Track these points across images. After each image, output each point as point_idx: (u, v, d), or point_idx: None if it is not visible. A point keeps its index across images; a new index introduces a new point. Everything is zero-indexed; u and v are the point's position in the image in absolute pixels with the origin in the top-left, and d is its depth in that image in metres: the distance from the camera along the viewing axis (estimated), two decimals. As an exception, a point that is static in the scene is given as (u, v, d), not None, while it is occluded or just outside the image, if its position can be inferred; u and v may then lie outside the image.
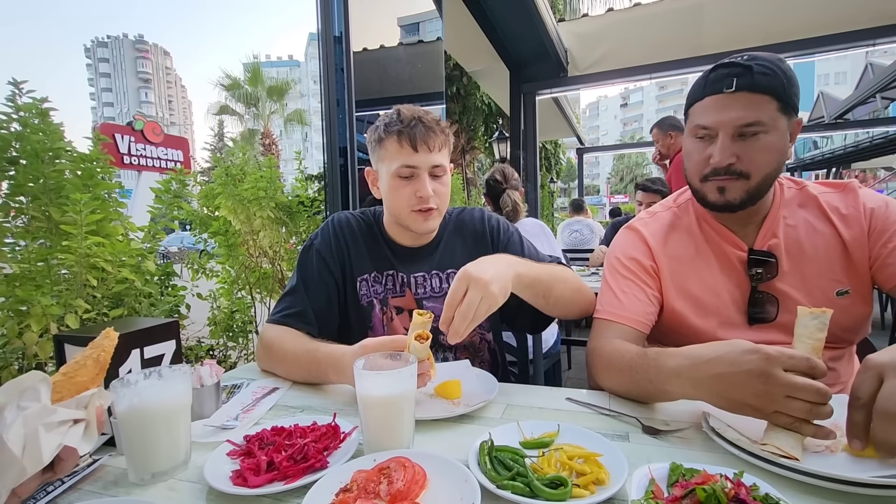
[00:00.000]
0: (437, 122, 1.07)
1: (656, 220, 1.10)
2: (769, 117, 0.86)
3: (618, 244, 1.11)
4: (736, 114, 0.87)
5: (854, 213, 0.94)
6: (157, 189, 1.58)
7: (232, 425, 0.79)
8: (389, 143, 1.06)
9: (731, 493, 0.48)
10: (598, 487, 0.57)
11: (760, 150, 0.88)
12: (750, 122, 0.86)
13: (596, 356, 0.94)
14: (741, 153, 0.88)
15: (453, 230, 1.22)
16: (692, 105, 0.96)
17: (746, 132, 0.87)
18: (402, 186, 1.06)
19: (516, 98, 5.09)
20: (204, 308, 1.90)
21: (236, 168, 2.02)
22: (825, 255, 0.94)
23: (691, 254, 1.02)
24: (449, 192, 1.12)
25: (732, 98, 0.87)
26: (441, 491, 0.57)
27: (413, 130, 1.03)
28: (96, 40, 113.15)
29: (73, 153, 1.33)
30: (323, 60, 2.02)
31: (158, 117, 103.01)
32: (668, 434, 0.72)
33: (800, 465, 0.57)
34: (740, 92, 0.86)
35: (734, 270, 0.98)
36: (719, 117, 0.89)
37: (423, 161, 1.05)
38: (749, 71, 0.86)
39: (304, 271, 1.14)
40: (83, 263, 1.11)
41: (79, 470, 0.65)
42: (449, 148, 1.11)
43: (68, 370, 0.54)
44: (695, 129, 0.94)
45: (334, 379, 0.93)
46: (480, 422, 0.80)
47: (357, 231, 1.18)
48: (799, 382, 0.60)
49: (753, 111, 0.86)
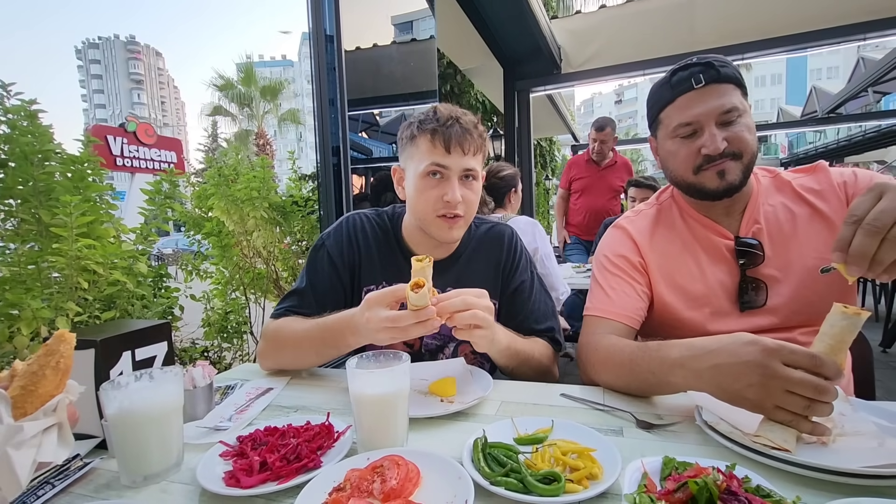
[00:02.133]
0: (476, 125, 1.02)
1: (642, 217, 1.12)
2: (739, 102, 0.93)
3: (606, 243, 1.12)
4: (714, 103, 0.92)
5: (828, 187, 0.98)
6: (148, 190, 1.56)
7: (225, 426, 0.78)
8: (422, 142, 1.00)
9: (723, 486, 0.48)
10: (591, 482, 0.57)
11: (744, 130, 0.93)
12: (729, 108, 0.92)
13: (591, 351, 0.94)
14: (729, 137, 0.92)
15: (478, 246, 1.15)
16: (662, 110, 1.00)
17: (728, 119, 0.92)
18: (430, 188, 1.00)
19: (510, 96, 5.08)
20: (198, 309, 1.89)
21: (229, 168, 2.01)
22: (805, 234, 0.97)
23: (678, 247, 1.04)
24: (478, 200, 1.06)
25: (704, 91, 0.93)
26: (435, 488, 0.57)
27: (449, 130, 0.98)
28: (87, 41, 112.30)
29: (62, 155, 1.32)
30: (314, 59, 2.01)
31: (151, 119, 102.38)
32: (662, 428, 0.72)
33: (791, 457, 0.57)
34: (709, 85, 0.92)
35: (723, 259, 1.00)
36: (699, 110, 0.93)
37: (455, 163, 0.99)
38: (709, 66, 0.93)
39: (313, 273, 1.09)
40: (74, 266, 1.10)
41: (70, 473, 0.64)
42: (484, 153, 1.06)
43: (26, 382, 0.49)
44: (676, 129, 0.97)
45: (352, 341, 0.90)
46: (475, 419, 0.80)
47: (371, 237, 1.11)
48: (796, 377, 0.59)
49: (727, 98, 0.92)
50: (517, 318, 1.10)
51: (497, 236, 1.16)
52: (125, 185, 14.60)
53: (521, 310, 1.12)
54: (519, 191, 2.67)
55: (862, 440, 0.62)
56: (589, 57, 4.66)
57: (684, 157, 0.97)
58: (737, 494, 0.47)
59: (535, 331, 1.10)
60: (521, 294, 1.12)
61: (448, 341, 1.12)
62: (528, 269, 1.16)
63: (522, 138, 5.18)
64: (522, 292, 1.12)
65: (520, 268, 1.15)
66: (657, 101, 1.01)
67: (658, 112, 1.01)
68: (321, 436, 0.70)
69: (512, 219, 2.41)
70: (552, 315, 1.14)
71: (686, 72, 0.95)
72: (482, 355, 1.12)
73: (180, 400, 0.67)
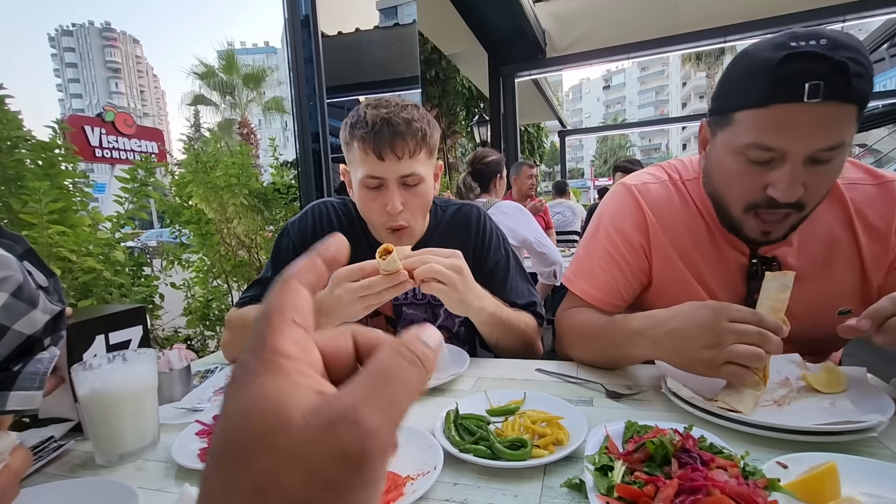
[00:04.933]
0: (409, 122, 0.91)
1: (661, 188, 0.92)
2: (850, 133, 0.65)
3: (611, 206, 0.96)
4: (818, 135, 0.65)
5: (883, 225, 0.78)
6: (124, 178, 1.54)
7: (202, 407, 0.79)
8: (355, 148, 0.94)
9: (679, 444, 0.50)
10: (557, 448, 0.59)
11: (830, 175, 0.69)
12: (834, 144, 0.65)
13: (565, 327, 0.96)
14: (809, 182, 0.68)
15: (446, 231, 1.11)
16: (741, 108, 0.70)
17: (825, 157, 0.66)
18: (371, 199, 0.95)
19: (495, 81, 5.06)
20: (180, 298, 1.87)
21: (208, 155, 1.98)
22: (839, 275, 0.80)
23: (689, 244, 0.88)
24: (427, 202, 1.00)
25: (815, 110, 0.63)
26: (405, 457, 0.59)
27: (378, 136, 0.90)
28: (61, 28, 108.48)
29: (31, 142, 1.29)
30: (290, 42, 1.98)
31: (130, 108, 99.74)
32: (630, 398, 0.75)
33: (745, 418, 0.60)
34: (829, 102, 0.62)
35: (730, 274, 0.85)
36: (794, 138, 0.65)
37: (389, 171, 0.92)
38: (841, 72, 0.61)
39: (278, 261, 1.09)
40: (45, 253, 1.09)
41: (44, 454, 0.64)
42: (428, 149, 0.97)
43: None
44: (748, 148, 0.70)
45: (322, 321, 0.88)
46: (450, 394, 0.81)
47: (336, 226, 1.09)
48: (742, 328, 0.63)
49: (838, 129, 0.64)
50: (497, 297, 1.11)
51: (464, 219, 1.13)
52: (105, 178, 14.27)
53: (500, 290, 1.12)
54: (504, 176, 2.69)
55: (814, 401, 0.65)
56: (573, 41, 4.65)
57: (745, 188, 0.74)
58: (689, 451, 0.49)
59: (518, 307, 1.10)
60: (497, 274, 1.11)
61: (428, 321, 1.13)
62: (500, 248, 1.13)
63: (508, 124, 5.17)
64: (499, 272, 1.11)
65: (492, 248, 1.12)
66: (743, 92, 0.70)
67: (737, 106, 0.71)
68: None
69: (496, 203, 2.43)
70: (533, 290, 1.15)
71: (802, 65, 0.62)
72: (462, 339, 1.14)
73: (154, 381, 0.68)
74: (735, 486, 0.42)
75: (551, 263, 2.40)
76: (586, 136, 50.36)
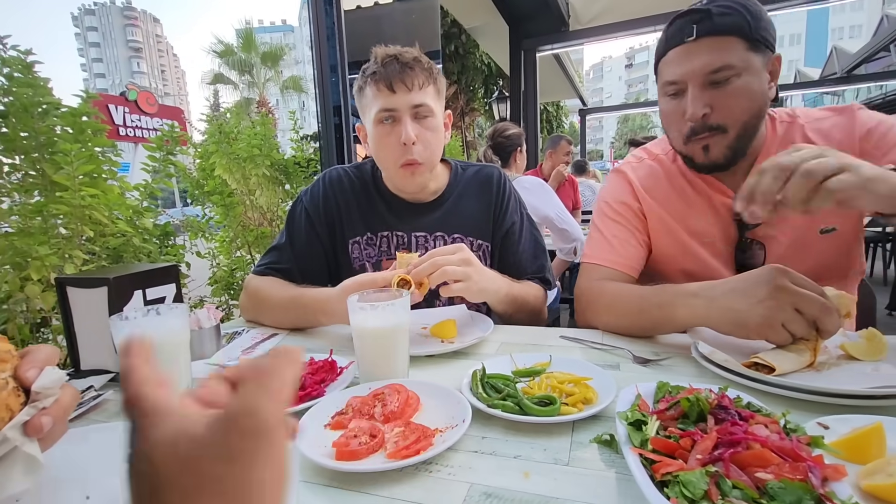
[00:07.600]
0: (417, 58, 0.97)
1: (644, 166, 1.06)
2: (738, 59, 0.81)
3: (607, 189, 1.09)
4: (701, 61, 0.82)
5: (847, 138, 0.87)
6: (150, 146, 1.56)
7: (232, 364, 0.81)
8: (368, 90, 0.98)
9: (714, 402, 0.49)
10: (586, 406, 0.58)
11: (734, 95, 0.83)
12: (717, 66, 0.81)
13: (596, 295, 0.95)
14: (714, 102, 0.83)
15: (465, 189, 1.13)
16: (657, 63, 0.92)
17: (717, 79, 0.82)
18: (385, 135, 0.98)
19: (516, 55, 4.93)
20: (206, 268, 1.92)
21: (230, 126, 1.99)
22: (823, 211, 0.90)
23: (678, 203, 0.99)
24: (439, 139, 1.02)
25: (695, 46, 0.82)
26: (434, 413, 0.59)
27: (388, 69, 0.94)
28: (83, 7, 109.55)
29: (61, 108, 1.31)
30: (313, 19, 1.97)
31: (152, 87, 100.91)
32: (658, 363, 0.74)
33: (783, 381, 0.58)
34: (702, 38, 0.81)
35: (721, 218, 0.95)
36: (684, 68, 0.84)
37: (401, 101, 0.95)
38: (708, 15, 0.81)
39: (292, 228, 1.11)
40: (78, 215, 1.11)
41: (84, 403, 0.67)
42: (437, 87, 1.02)
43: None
44: (664, 87, 0.89)
45: (324, 321, 0.95)
46: (475, 357, 0.81)
47: (349, 189, 1.11)
48: (803, 291, 0.62)
49: (719, 55, 0.81)
50: (509, 259, 1.12)
51: (486, 178, 1.14)
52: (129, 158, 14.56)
53: (513, 252, 1.13)
54: (524, 150, 2.64)
55: (856, 367, 0.62)
56: (598, 12, 4.49)
57: (674, 122, 0.90)
58: (727, 408, 0.48)
59: (527, 271, 1.12)
60: (511, 236, 1.12)
61: None
62: (517, 210, 1.15)
63: (529, 100, 5.05)
64: (513, 234, 1.12)
65: (509, 209, 1.13)
66: (657, 52, 0.93)
67: (657, 64, 0.93)
68: (324, 370, 0.72)
69: (518, 178, 2.39)
70: (542, 252, 1.17)
71: (683, 20, 0.84)
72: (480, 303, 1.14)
73: (186, 334, 0.69)
74: (777, 440, 0.41)
75: (573, 240, 2.37)
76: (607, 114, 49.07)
